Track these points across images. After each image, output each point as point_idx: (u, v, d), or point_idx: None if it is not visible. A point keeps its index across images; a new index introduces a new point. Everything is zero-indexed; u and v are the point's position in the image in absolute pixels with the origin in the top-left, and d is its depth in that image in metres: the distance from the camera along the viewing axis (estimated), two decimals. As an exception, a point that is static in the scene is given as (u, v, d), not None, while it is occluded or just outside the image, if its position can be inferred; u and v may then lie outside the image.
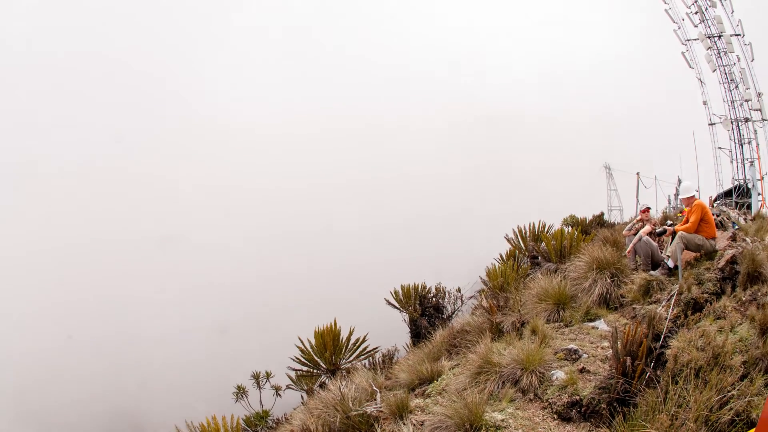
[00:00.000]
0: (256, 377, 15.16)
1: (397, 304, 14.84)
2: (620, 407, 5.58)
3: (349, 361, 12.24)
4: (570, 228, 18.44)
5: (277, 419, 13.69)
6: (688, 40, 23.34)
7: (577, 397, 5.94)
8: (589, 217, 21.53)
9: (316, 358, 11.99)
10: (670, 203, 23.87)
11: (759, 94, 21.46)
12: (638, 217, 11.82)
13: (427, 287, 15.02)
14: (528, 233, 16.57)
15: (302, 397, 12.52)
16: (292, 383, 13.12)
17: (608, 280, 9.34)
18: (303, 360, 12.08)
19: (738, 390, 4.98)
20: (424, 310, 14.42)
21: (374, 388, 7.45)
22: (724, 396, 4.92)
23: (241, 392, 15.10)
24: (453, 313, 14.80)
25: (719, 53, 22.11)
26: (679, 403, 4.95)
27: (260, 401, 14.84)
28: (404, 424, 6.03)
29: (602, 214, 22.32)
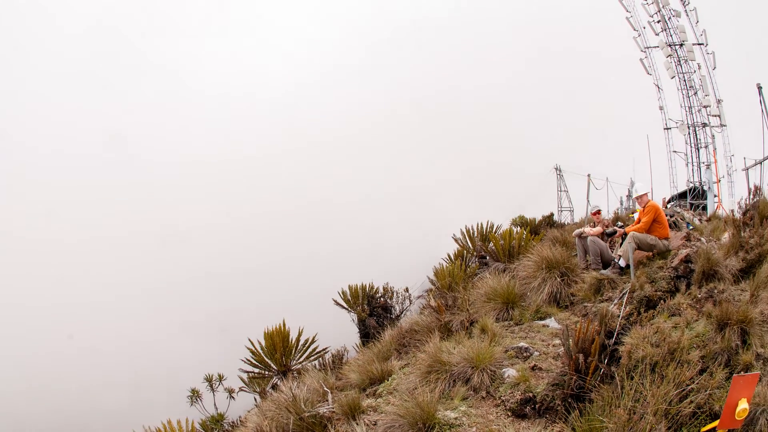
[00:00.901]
0: (209, 380, 14.85)
1: (345, 305, 14.71)
2: (575, 403, 5.59)
3: (300, 362, 12.00)
4: (519, 228, 18.55)
5: (233, 422, 13.39)
6: (647, 48, 23.80)
7: (531, 394, 5.92)
8: (539, 217, 21.68)
9: (266, 359, 11.72)
10: (622, 204, 24.33)
11: (719, 101, 22.13)
12: (589, 218, 11.89)
13: (375, 287, 14.93)
14: (476, 233, 16.59)
15: (255, 399, 12.27)
16: (244, 385, 12.88)
17: (558, 279, 9.36)
18: (254, 362, 11.83)
19: (697, 384, 5.04)
20: (372, 310, 14.32)
21: (325, 388, 7.43)
22: (683, 390, 4.95)
23: (195, 395, 14.77)
24: (401, 312, 14.72)
25: (679, 61, 22.61)
26: (636, 398, 4.94)
27: (214, 404, 14.56)
28: (357, 424, 5.94)
29: (552, 214, 22.54)
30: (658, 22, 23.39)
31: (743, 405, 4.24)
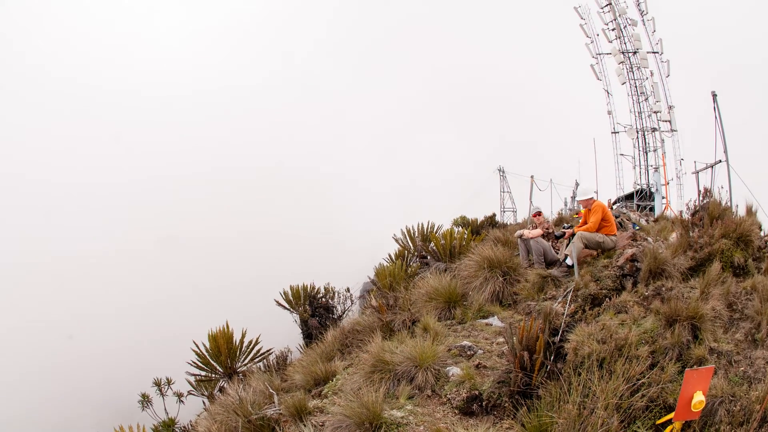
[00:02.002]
0: (157, 384, 14.41)
1: (287, 305, 14.47)
2: (523, 400, 5.58)
3: (245, 364, 11.71)
4: (461, 228, 18.56)
5: (184, 427, 13.01)
6: (599, 54, 24.32)
7: (476, 392, 5.88)
8: (481, 218, 21.73)
9: (212, 362, 11.43)
10: (566, 205, 24.64)
11: (670, 107, 22.95)
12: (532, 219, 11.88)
13: (316, 287, 14.74)
14: (417, 233, 16.55)
15: (204, 403, 11.92)
16: (192, 389, 12.49)
17: (500, 278, 9.31)
18: (200, 364, 11.50)
19: (649, 378, 5.08)
20: (314, 311, 14.15)
21: (271, 390, 7.31)
22: (634, 384, 4.98)
23: (145, 400, 14.31)
24: (343, 313, 14.58)
25: (632, 68, 23.14)
26: (585, 393, 4.94)
27: (165, 409, 14.12)
28: (305, 425, 5.80)
29: (494, 215, 22.66)
30: (613, 30, 24.01)
31: (699, 397, 4.27)
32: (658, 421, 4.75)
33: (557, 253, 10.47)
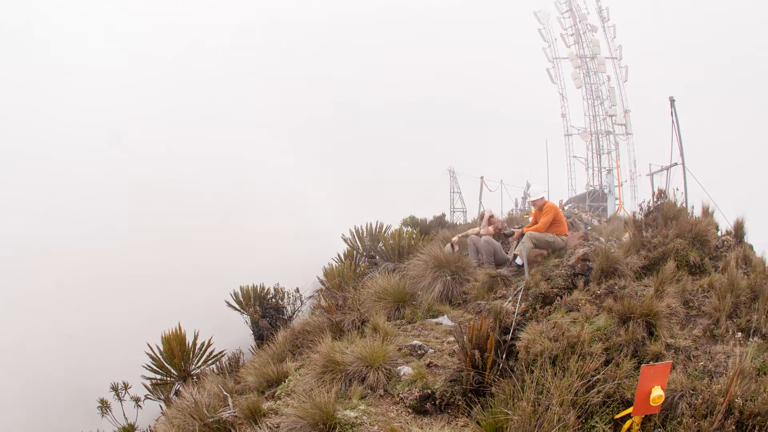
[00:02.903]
0: (115, 389, 13.91)
1: (237, 306, 14.20)
2: (476, 398, 5.60)
3: (198, 367, 11.53)
4: (409, 228, 18.52)
5: (144, 432, 12.65)
6: (556, 58, 24.67)
7: (429, 391, 5.86)
8: (430, 218, 21.71)
9: (166, 364, 11.19)
10: (517, 206, 24.86)
11: (626, 111, 23.64)
12: (481, 217, 11.86)
13: (266, 288, 14.50)
14: (365, 233, 16.45)
15: (161, 407, 11.59)
16: (149, 393, 12.14)
17: (449, 278, 9.35)
18: (154, 368, 11.23)
19: (604, 374, 5.13)
20: (264, 311, 13.94)
21: (225, 393, 7.26)
22: (589, 381, 5.01)
23: (104, 406, 13.78)
24: (293, 313, 14.42)
25: (588, 72, 23.48)
26: (540, 390, 4.93)
27: (123, 414, 13.62)
28: (260, 428, 5.76)
29: (444, 215, 22.68)
30: (572, 35, 24.47)
31: (658, 392, 4.30)
32: (617, 416, 4.79)
33: (507, 254, 10.44)
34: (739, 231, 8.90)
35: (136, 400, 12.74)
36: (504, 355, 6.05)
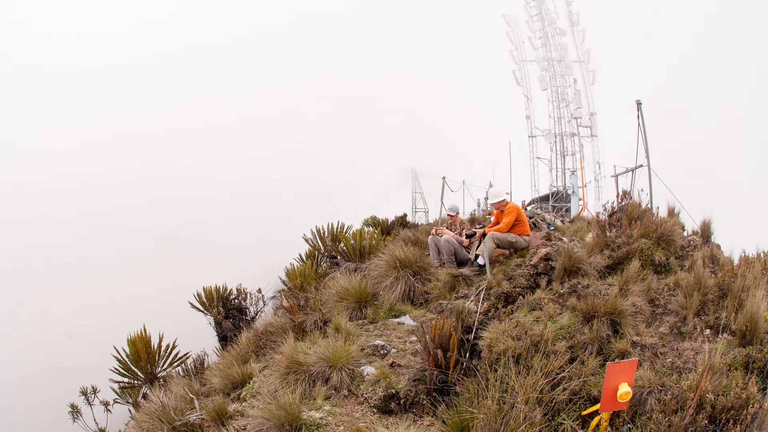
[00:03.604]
0: (84, 393, 13.57)
1: (201, 307, 13.99)
2: (441, 397, 5.60)
3: (164, 369, 11.53)
4: (371, 228, 18.48)
5: (114, 436, 12.37)
6: (522, 61, 24.99)
7: (393, 391, 5.89)
8: (392, 218, 21.68)
9: (133, 367, 11.12)
10: (479, 206, 25.00)
11: (592, 114, 24.02)
12: (448, 222, 11.81)
13: (229, 289, 14.32)
14: (327, 233, 16.37)
15: (130, 411, 11.38)
16: (118, 397, 11.89)
17: (411, 277, 9.35)
18: (121, 371, 11.08)
19: (569, 372, 5.15)
20: (227, 313, 13.79)
21: (191, 395, 7.34)
22: (554, 379, 5.02)
23: (75, 411, 13.43)
24: (256, 314, 14.31)
25: (555, 75, 23.88)
26: (504, 389, 4.95)
27: (94, 419, 13.28)
28: (227, 430, 5.80)
29: (405, 215, 22.65)
30: (540, 38, 24.80)
31: (625, 389, 4.34)
32: (584, 413, 4.82)
33: (469, 253, 10.47)
34: (705, 231, 9.12)
35: (106, 404, 12.54)
36: (467, 354, 6.07)
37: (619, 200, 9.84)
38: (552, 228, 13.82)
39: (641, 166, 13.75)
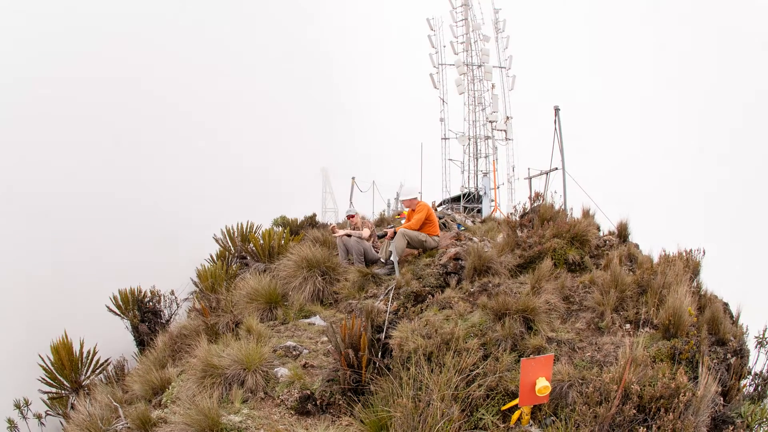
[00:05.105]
0: (18, 406, 12.72)
1: (118, 311, 13.43)
2: (356, 396, 5.69)
3: (88, 377, 11.11)
4: (280, 228, 18.35)
5: (48, 451, 11.66)
6: (441, 64, 25.30)
7: (308, 392, 5.91)
8: (301, 218, 21.59)
9: (59, 377, 10.67)
10: (389, 206, 25.11)
11: (507, 118, 24.70)
12: (350, 223, 11.77)
13: (143, 291, 13.83)
14: (237, 233, 16.14)
15: (61, 423, 10.76)
16: (49, 408, 11.24)
17: (319, 278, 9.39)
18: (48, 380, 10.51)
19: (483, 369, 5.23)
20: (143, 316, 13.31)
21: (115, 403, 7.13)
22: (468, 375, 5.07)
23: (12, 426, 12.58)
24: (170, 317, 13.89)
25: (473, 79, 24.63)
26: (418, 387, 4.97)
27: None
28: None
29: (315, 215, 22.57)
30: (462, 43, 25.17)
31: (543, 383, 4.42)
32: (504, 407, 4.87)
33: (378, 253, 10.52)
34: (623, 231, 9.42)
35: (39, 417, 11.89)
36: (379, 354, 6.13)
37: (532, 201, 10.03)
38: (462, 228, 14.04)
39: (556, 169, 14.21)
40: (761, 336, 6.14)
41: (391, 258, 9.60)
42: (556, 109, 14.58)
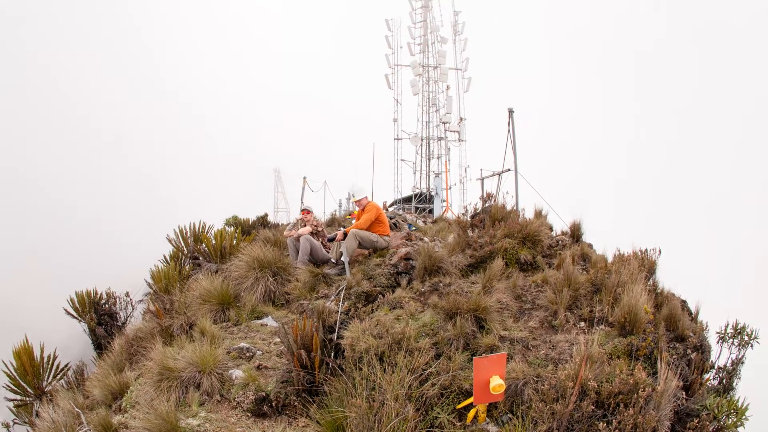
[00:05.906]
0: None
1: (75, 314, 13.11)
2: (311, 397, 5.71)
3: (50, 383, 10.68)
4: (232, 228, 18.25)
5: (17, 460, 11.23)
6: (396, 65, 25.17)
7: (263, 393, 5.90)
8: (253, 218, 21.50)
9: (22, 383, 10.32)
10: (341, 206, 25.24)
11: (461, 119, 24.85)
12: (299, 218, 11.70)
13: (99, 293, 13.53)
14: (189, 234, 15.96)
15: (28, 431, 10.41)
16: (15, 417, 10.83)
17: (271, 278, 9.36)
18: (12, 387, 10.13)
19: (436, 368, 5.28)
20: (99, 319, 12.99)
21: (77, 410, 6.97)
22: (421, 375, 5.12)
23: None
24: (126, 319, 13.58)
25: (428, 81, 24.79)
26: (372, 387, 4.98)
27: None
28: None
29: (266, 215, 22.46)
30: (419, 44, 25.35)
31: (497, 381, 4.45)
32: (459, 406, 4.91)
33: (329, 253, 10.50)
34: (576, 231, 9.57)
35: (6, 426, 11.48)
36: (332, 354, 6.16)
37: (483, 202, 10.14)
38: (413, 228, 14.08)
39: (508, 170, 14.40)
40: (722, 331, 6.31)
41: (342, 258, 9.58)
42: (510, 111, 14.81)
